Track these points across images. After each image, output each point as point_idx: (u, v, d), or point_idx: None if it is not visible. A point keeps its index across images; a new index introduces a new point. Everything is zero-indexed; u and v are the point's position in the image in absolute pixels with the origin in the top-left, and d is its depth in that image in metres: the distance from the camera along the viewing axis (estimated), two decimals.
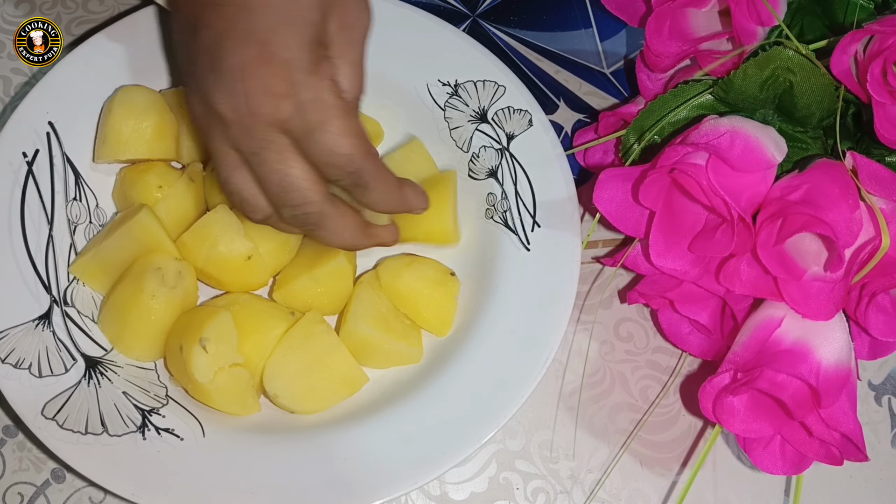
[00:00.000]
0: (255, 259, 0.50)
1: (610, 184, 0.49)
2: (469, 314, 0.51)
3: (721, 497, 0.51)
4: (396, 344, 0.50)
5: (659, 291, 0.49)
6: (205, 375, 0.46)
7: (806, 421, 0.44)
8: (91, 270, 0.49)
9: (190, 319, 0.48)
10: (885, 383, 0.55)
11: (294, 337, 0.49)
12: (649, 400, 0.53)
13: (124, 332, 0.48)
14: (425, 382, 0.49)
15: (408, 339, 0.50)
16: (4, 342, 0.46)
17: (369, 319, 0.49)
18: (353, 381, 0.49)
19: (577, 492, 0.51)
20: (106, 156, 0.51)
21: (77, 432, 0.45)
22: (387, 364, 0.51)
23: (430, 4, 0.64)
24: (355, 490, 0.45)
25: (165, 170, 0.52)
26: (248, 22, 0.40)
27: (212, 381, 0.46)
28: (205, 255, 0.49)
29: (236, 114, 0.40)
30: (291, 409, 0.48)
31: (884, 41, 0.44)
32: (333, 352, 0.49)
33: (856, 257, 0.45)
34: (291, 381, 0.48)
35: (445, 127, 0.56)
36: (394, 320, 0.50)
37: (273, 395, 0.48)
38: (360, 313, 0.50)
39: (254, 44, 0.40)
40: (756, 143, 0.46)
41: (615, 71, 0.64)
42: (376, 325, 0.49)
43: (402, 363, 0.51)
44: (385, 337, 0.49)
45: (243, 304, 0.50)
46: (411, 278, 0.51)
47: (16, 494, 0.49)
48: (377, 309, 0.50)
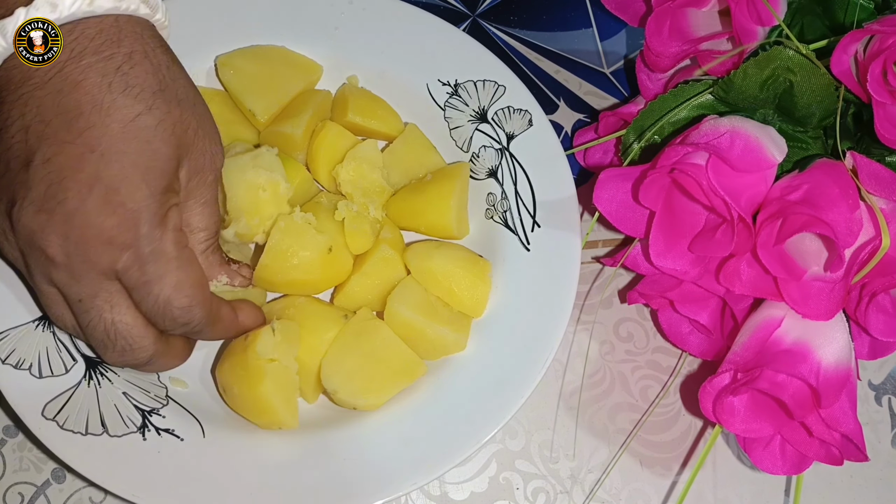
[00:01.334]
0: (336, 249, 0.49)
1: (610, 184, 0.49)
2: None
3: (721, 497, 0.51)
4: (439, 329, 0.49)
5: (659, 291, 0.49)
6: (266, 352, 0.45)
7: (806, 421, 0.44)
8: None
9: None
10: (885, 383, 0.55)
11: (348, 334, 0.48)
12: (649, 400, 0.53)
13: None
14: (426, 383, 0.49)
15: (451, 325, 0.49)
16: (5, 343, 0.47)
17: (411, 304, 0.49)
18: (410, 370, 0.49)
19: (577, 492, 0.51)
20: None
21: (77, 433, 0.45)
22: (433, 353, 0.50)
23: (430, 4, 0.64)
24: (355, 490, 0.45)
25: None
26: (96, 166, 0.38)
27: (267, 366, 0.45)
28: (288, 272, 0.49)
29: (67, 259, 0.39)
30: (353, 405, 0.48)
31: (884, 41, 0.44)
32: (388, 344, 0.48)
33: (856, 257, 0.45)
34: (349, 376, 0.47)
35: (445, 127, 0.56)
36: (439, 306, 0.50)
37: (333, 392, 0.47)
38: (401, 298, 0.49)
39: (101, 190, 0.38)
40: (756, 143, 0.46)
41: (615, 71, 0.64)
42: (418, 310, 0.49)
43: (447, 351, 0.50)
44: (427, 322, 0.49)
45: (299, 307, 0.50)
46: (442, 259, 0.50)
47: (16, 494, 0.49)
48: (420, 294, 0.50)
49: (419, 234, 0.54)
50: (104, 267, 0.39)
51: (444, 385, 0.49)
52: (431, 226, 0.53)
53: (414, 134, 0.55)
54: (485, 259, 0.52)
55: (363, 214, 0.51)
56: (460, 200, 0.53)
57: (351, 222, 0.50)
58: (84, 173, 0.38)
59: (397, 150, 0.55)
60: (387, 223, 0.53)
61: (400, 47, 0.56)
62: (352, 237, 0.50)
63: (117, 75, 0.39)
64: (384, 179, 0.53)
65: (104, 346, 0.41)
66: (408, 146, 0.55)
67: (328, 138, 0.53)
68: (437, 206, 0.52)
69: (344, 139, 0.54)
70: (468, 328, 0.50)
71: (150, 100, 0.39)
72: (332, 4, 0.57)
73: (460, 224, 0.53)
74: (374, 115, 0.55)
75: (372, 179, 0.52)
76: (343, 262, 0.50)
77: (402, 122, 0.56)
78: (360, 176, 0.52)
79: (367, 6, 0.57)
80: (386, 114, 0.55)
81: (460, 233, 0.53)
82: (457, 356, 0.50)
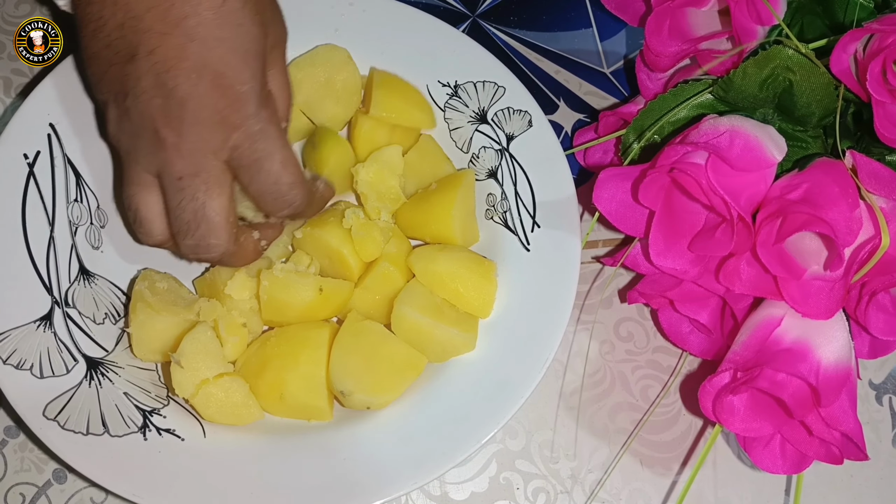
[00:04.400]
0: (327, 287, 0.50)
1: (610, 183, 0.49)
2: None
3: (721, 497, 0.51)
4: (448, 330, 0.49)
5: (659, 291, 0.49)
6: (185, 391, 0.46)
7: (806, 420, 0.44)
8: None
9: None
10: (885, 382, 0.55)
11: (345, 338, 0.49)
12: (649, 400, 0.53)
13: None
14: (426, 383, 0.49)
15: (460, 325, 0.49)
16: (6, 343, 0.47)
17: (417, 306, 0.49)
18: (413, 363, 0.49)
19: (577, 492, 0.51)
20: None
21: (78, 433, 0.45)
22: (442, 354, 0.50)
23: (430, 5, 0.64)
24: (356, 490, 0.45)
25: None
26: (199, 53, 0.40)
27: (194, 395, 0.46)
28: (289, 317, 0.50)
29: (180, 139, 0.40)
30: (367, 404, 0.48)
31: (883, 40, 0.44)
32: (385, 341, 0.49)
33: (856, 256, 0.45)
34: (358, 377, 0.48)
35: (445, 128, 0.56)
36: (445, 307, 0.50)
37: (349, 393, 0.47)
38: (408, 300, 0.49)
39: (208, 75, 0.40)
40: (756, 143, 0.46)
41: (615, 71, 0.64)
42: (426, 312, 0.49)
43: (456, 352, 0.50)
44: (435, 323, 0.49)
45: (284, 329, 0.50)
46: (447, 261, 0.50)
47: (17, 495, 0.49)
48: (426, 296, 0.50)
49: (423, 240, 0.54)
50: (216, 145, 0.41)
51: (444, 385, 0.49)
52: (436, 235, 0.53)
53: (429, 145, 0.55)
54: (489, 259, 0.52)
55: (372, 221, 0.51)
56: (464, 209, 0.53)
57: (358, 230, 0.50)
58: (189, 61, 0.40)
59: (412, 160, 0.54)
60: (396, 233, 0.53)
61: (400, 49, 0.56)
62: (361, 244, 0.50)
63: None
64: (400, 188, 0.53)
65: (186, 229, 0.42)
66: (422, 157, 0.55)
67: (363, 131, 0.54)
68: (440, 216, 0.52)
69: (377, 134, 0.54)
70: (476, 328, 0.50)
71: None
72: (333, 6, 0.57)
73: (466, 232, 0.53)
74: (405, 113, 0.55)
75: (389, 185, 0.53)
76: (338, 292, 0.50)
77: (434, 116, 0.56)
78: (379, 179, 0.52)
79: (367, 8, 0.57)
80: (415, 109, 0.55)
81: (466, 241, 0.53)
82: (457, 357, 0.50)
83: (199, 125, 0.40)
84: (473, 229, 0.54)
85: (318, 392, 0.48)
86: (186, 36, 0.40)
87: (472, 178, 0.54)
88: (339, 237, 0.50)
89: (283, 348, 0.48)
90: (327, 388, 0.48)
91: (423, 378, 0.49)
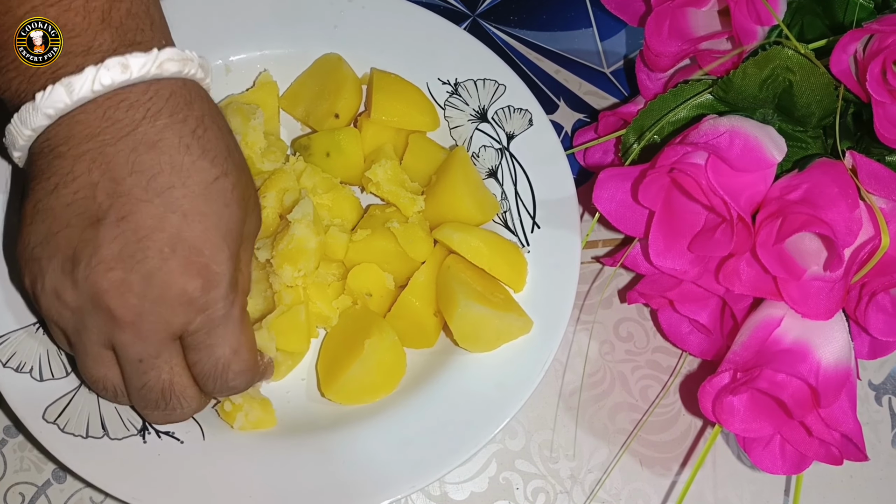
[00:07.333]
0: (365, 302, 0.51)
1: (609, 183, 0.49)
2: None
3: (721, 497, 0.51)
4: (506, 317, 0.48)
5: (659, 291, 0.49)
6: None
7: (806, 420, 0.44)
8: None
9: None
10: (885, 383, 0.55)
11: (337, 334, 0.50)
12: (649, 400, 0.53)
13: None
14: (425, 384, 0.49)
15: (514, 310, 0.49)
16: (5, 346, 0.47)
17: (475, 297, 0.48)
18: (396, 369, 0.50)
19: (577, 492, 0.51)
20: None
21: (78, 436, 0.45)
22: (496, 341, 0.49)
23: (430, 4, 0.64)
24: (355, 493, 0.45)
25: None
26: (178, 226, 0.38)
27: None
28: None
29: (137, 318, 0.38)
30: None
31: (883, 40, 0.44)
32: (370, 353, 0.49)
33: (855, 256, 0.45)
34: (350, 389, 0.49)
35: (445, 126, 0.56)
36: (490, 295, 0.49)
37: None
38: (465, 295, 0.48)
39: (183, 250, 0.38)
40: (755, 143, 0.46)
41: (615, 71, 0.64)
42: (482, 302, 0.48)
43: (513, 336, 0.49)
44: (493, 312, 0.48)
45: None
46: (481, 233, 0.50)
47: (17, 494, 0.49)
48: (474, 288, 0.49)
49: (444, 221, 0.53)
50: (176, 328, 0.39)
51: (443, 386, 0.49)
52: (454, 213, 0.52)
53: (419, 143, 0.55)
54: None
55: (413, 223, 0.51)
56: (470, 184, 0.52)
57: (402, 235, 0.50)
58: (165, 233, 0.37)
59: (408, 163, 0.54)
60: (424, 228, 0.52)
61: (399, 46, 0.56)
62: (410, 248, 0.50)
63: (193, 138, 0.39)
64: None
65: (155, 405, 0.41)
66: (416, 157, 0.54)
67: (366, 137, 0.54)
68: (452, 202, 0.51)
69: (380, 139, 0.54)
70: (521, 309, 0.50)
71: (224, 164, 0.40)
72: (332, 3, 0.56)
73: (483, 205, 0.52)
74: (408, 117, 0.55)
75: (403, 179, 0.53)
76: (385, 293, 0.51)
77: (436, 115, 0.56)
78: (395, 173, 0.52)
79: (366, 4, 0.57)
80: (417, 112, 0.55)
81: (487, 213, 0.52)
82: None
83: (162, 305, 0.38)
84: (489, 200, 0.53)
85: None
86: (167, 206, 0.37)
87: (463, 152, 0.53)
88: (392, 239, 0.51)
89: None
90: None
91: (422, 379, 0.49)
